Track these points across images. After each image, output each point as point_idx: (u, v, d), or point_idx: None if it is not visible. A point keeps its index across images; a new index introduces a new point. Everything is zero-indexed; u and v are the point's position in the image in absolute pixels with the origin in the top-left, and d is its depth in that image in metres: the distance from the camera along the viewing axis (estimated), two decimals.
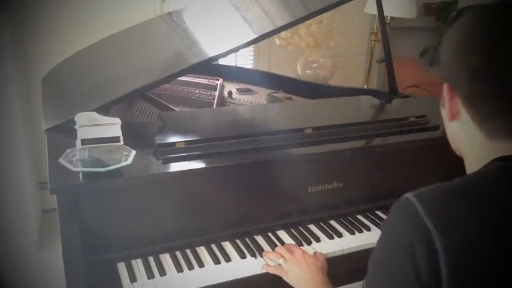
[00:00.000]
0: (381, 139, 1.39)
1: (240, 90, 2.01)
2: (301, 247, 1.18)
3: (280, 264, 1.12)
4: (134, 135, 1.21)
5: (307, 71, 2.76)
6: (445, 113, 0.77)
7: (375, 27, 2.82)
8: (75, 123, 1.09)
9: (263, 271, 1.12)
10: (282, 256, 1.13)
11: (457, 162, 0.95)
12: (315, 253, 1.15)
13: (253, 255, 1.15)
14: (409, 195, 0.67)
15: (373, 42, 2.85)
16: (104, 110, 1.29)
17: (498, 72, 0.66)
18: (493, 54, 0.66)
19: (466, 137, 0.74)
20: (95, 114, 1.12)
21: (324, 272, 1.09)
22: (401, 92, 1.86)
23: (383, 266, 0.70)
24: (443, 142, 1.44)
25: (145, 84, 1.37)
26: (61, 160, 1.08)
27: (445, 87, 0.73)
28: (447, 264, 0.61)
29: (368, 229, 1.28)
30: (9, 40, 2.14)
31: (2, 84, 2.06)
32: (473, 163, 0.74)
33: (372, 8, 2.72)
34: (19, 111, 2.21)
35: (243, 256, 1.15)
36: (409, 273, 0.63)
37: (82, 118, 1.09)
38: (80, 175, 1.06)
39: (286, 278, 1.10)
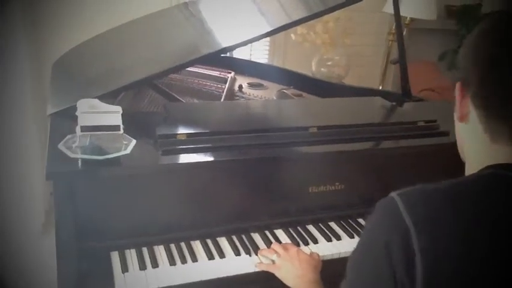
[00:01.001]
0: (387, 142, 1.36)
1: (250, 85, 1.99)
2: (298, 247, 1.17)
3: (273, 262, 1.11)
4: (137, 125, 1.21)
5: (322, 69, 2.73)
6: (456, 115, 0.77)
7: (393, 27, 2.77)
8: (76, 109, 1.08)
9: (256, 270, 1.10)
10: (276, 252, 1.12)
11: (463, 169, 0.93)
12: (310, 253, 1.14)
13: (248, 253, 1.14)
14: (393, 193, 0.68)
15: (390, 42, 2.80)
16: (110, 98, 1.29)
17: (506, 75, 0.66)
18: (502, 59, 0.67)
19: (471, 138, 0.74)
20: (96, 101, 1.12)
21: (317, 271, 1.09)
22: (415, 95, 1.82)
23: (361, 263, 0.70)
24: (450, 148, 1.42)
25: (152, 74, 1.36)
26: (60, 146, 1.08)
27: (458, 86, 0.74)
28: (423, 264, 0.61)
29: None
30: (21, 24, 2.15)
31: (15, 72, 2.08)
32: (471, 167, 0.74)
33: (391, 8, 2.66)
34: (30, 98, 2.23)
35: (237, 253, 1.13)
36: (385, 271, 0.64)
37: (83, 104, 1.09)
38: (79, 162, 1.06)
39: (278, 274, 1.09)
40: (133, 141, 1.13)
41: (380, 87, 2.85)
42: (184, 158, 1.15)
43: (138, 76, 1.36)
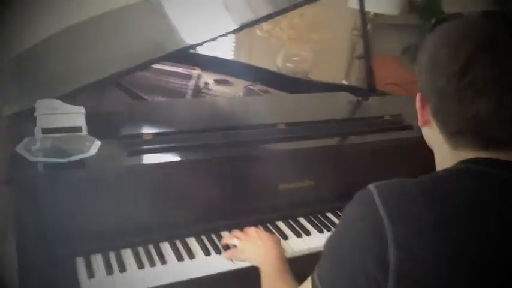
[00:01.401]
0: (355, 137, 1.37)
1: (217, 81, 1.97)
2: None
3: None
4: (100, 125, 1.17)
5: (288, 64, 2.73)
6: (419, 118, 0.80)
7: (358, 22, 2.79)
8: (34, 110, 1.04)
9: (228, 268, 1.09)
10: (237, 238, 1.14)
11: (430, 162, 0.94)
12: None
13: (218, 252, 1.12)
14: (370, 185, 0.69)
15: (355, 37, 2.82)
16: (70, 97, 1.25)
17: (459, 98, 0.67)
18: (455, 81, 0.67)
19: (436, 142, 0.77)
20: (57, 102, 1.07)
21: (280, 246, 1.12)
22: (379, 89, 1.85)
23: (334, 253, 0.71)
24: (416, 142, 1.45)
25: (117, 72, 1.33)
26: (19, 148, 1.03)
27: (418, 96, 0.76)
28: (396, 256, 0.61)
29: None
30: None
31: None
32: (440, 163, 0.77)
33: (355, 3, 2.69)
34: None
35: (207, 253, 1.12)
36: (357, 263, 0.64)
37: (42, 105, 1.04)
38: (39, 165, 1.02)
39: (244, 257, 1.10)
40: (98, 143, 1.09)
41: (345, 82, 2.87)
42: (151, 159, 1.12)
43: (102, 74, 1.32)
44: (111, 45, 1.63)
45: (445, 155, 0.74)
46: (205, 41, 1.37)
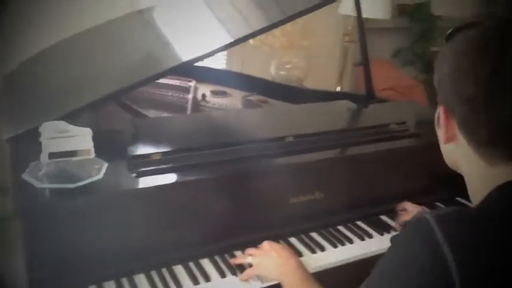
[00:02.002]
0: (363, 147, 1.35)
1: (214, 93, 1.94)
2: None
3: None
4: (104, 145, 1.13)
5: (281, 72, 2.71)
6: (440, 134, 0.76)
7: (349, 28, 2.80)
8: (39, 134, 1.00)
9: None
10: (250, 255, 1.10)
11: (440, 170, 0.92)
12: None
13: (233, 273, 1.09)
14: (426, 215, 0.65)
15: (346, 43, 2.82)
16: (71, 117, 1.21)
17: (490, 102, 0.65)
18: (485, 86, 0.66)
19: (465, 159, 0.73)
20: (63, 124, 1.03)
21: (295, 256, 1.09)
22: (377, 95, 1.83)
23: (388, 281, 0.66)
24: (424, 150, 1.44)
25: (119, 89, 1.29)
26: (25, 175, 0.99)
27: (441, 109, 0.73)
28: (461, 283, 0.58)
29: (350, 241, 1.24)
30: None
31: None
32: (474, 184, 0.73)
33: (346, 9, 2.69)
34: None
35: (223, 275, 1.08)
36: None
37: (48, 129, 1.00)
38: (47, 192, 0.98)
39: (261, 272, 1.07)
40: (105, 164, 1.06)
41: (338, 89, 2.87)
42: (162, 179, 1.09)
43: (102, 92, 1.28)
44: (108, 60, 1.59)
45: (479, 172, 0.71)
46: (205, 56, 1.34)
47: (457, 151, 0.74)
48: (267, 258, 1.08)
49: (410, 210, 1.29)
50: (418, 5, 3.12)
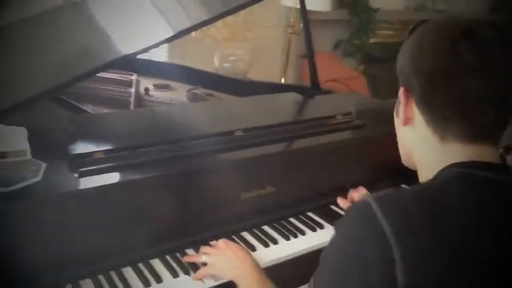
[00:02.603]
0: (313, 139, 1.35)
1: (157, 87, 1.88)
2: None
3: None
4: (41, 145, 1.05)
5: (225, 64, 2.68)
6: (398, 119, 0.78)
7: (292, 20, 2.81)
8: None
9: None
10: (205, 253, 1.07)
11: (386, 159, 0.93)
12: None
13: (186, 272, 1.06)
14: (368, 198, 0.65)
15: (290, 35, 2.83)
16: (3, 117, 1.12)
17: (449, 76, 0.67)
18: (445, 60, 0.68)
19: (419, 141, 0.75)
20: None
21: (251, 255, 1.07)
22: (321, 87, 1.85)
23: (332, 269, 0.67)
24: (370, 139, 1.46)
25: (54, 86, 1.20)
26: None
27: (401, 91, 0.74)
28: (405, 273, 0.59)
29: (303, 233, 1.24)
30: None
31: None
32: (426, 168, 0.74)
33: (288, 1, 2.70)
34: None
35: (175, 275, 1.05)
36: (361, 282, 0.61)
37: None
38: None
39: (215, 272, 1.04)
40: (43, 165, 0.98)
41: (283, 81, 2.88)
42: (106, 178, 1.03)
43: (35, 90, 1.19)
44: (41, 55, 1.49)
45: (432, 153, 0.72)
46: (144, 49, 1.28)
47: (413, 134, 0.75)
48: (222, 257, 1.05)
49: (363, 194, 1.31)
50: None
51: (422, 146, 0.74)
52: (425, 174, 0.74)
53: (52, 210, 0.96)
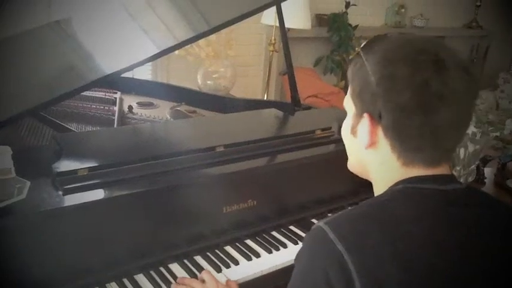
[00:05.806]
0: (293, 154, 1.39)
1: (140, 104, 1.90)
2: (221, 272, 1.14)
3: None
4: (26, 163, 1.07)
5: (208, 82, 2.73)
6: (357, 141, 0.78)
7: (273, 38, 2.87)
8: None
9: None
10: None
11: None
12: (227, 281, 1.09)
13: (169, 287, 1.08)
14: (320, 223, 0.69)
15: (271, 52, 2.89)
16: None
17: (423, 109, 0.68)
18: (422, 89, 0.68)
19: (380, 163, 0.76)
20: None
21: None
22: (302, 102, 1.90)
23: None
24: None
25: (40, 104, 1.22)
26: None
27: (366, 117, 0.73)
28: (362, 284, 0.63)
29: (285, 246, 1.27)
30: None
31: None
32: (383, 186, 0.76)
33: (268, 19, 2.76)
34: None
35: None
36: None
37: None
38: None
39: None
40: (28, 183, 1.00)
41: (265, 97, 2.93)
42: (91, 196, 1.05)
43: (19, 109, 1.21)
44: (26, 72, 1.50)
45: (391, 174, 0.74)
46: (128, 68, 1.31)
47: (374, 157, 0.76)
48: None
49: None
50: (335, 15, 3.27)
51: (383, 167, 0.75)
52: (381, 190, 0.76)
53: (37, 228, 0.98)
